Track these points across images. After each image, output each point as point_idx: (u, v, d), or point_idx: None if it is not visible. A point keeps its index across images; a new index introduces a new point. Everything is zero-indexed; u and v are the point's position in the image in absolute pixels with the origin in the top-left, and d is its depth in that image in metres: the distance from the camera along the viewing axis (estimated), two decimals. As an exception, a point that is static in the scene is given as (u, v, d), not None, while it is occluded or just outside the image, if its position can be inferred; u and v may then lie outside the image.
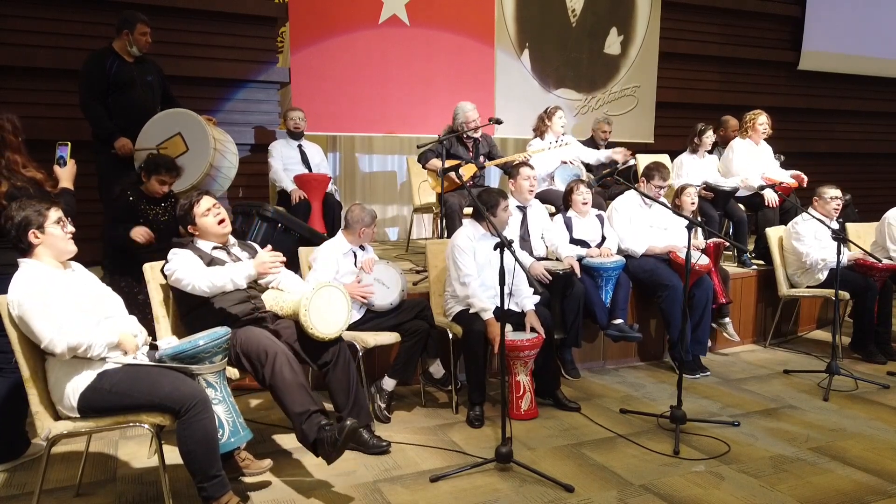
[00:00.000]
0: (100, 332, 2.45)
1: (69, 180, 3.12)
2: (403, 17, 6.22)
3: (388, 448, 3.13)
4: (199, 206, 3.05)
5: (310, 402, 2.78)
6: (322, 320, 2.96)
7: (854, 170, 9.11)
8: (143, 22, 4.33)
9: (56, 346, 2.34)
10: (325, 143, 6.54)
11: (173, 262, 2.92)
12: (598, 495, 2.82)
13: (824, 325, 5.81)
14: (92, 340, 2.40)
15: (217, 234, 3.08)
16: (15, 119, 2.98)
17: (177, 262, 2.92)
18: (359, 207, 3.75)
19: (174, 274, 2.88)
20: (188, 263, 2.91)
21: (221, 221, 3.08)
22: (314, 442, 2.73)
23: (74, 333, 2.36)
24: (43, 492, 2.54)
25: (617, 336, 4.37)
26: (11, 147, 2.93)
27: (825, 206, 4.85)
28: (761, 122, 5.59)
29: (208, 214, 3.06)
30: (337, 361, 3.08)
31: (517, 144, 7.26)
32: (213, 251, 3.05)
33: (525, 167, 4.36)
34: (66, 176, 3.12)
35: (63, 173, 3.12)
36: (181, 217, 3.09)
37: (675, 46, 7.73)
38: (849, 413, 3.80)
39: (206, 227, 3.06)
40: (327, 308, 3.00)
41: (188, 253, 2.96)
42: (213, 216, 3.06)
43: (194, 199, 3.07)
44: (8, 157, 2.91)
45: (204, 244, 3.07)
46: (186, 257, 2.94)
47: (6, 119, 2.94)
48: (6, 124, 2.93)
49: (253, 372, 2.87)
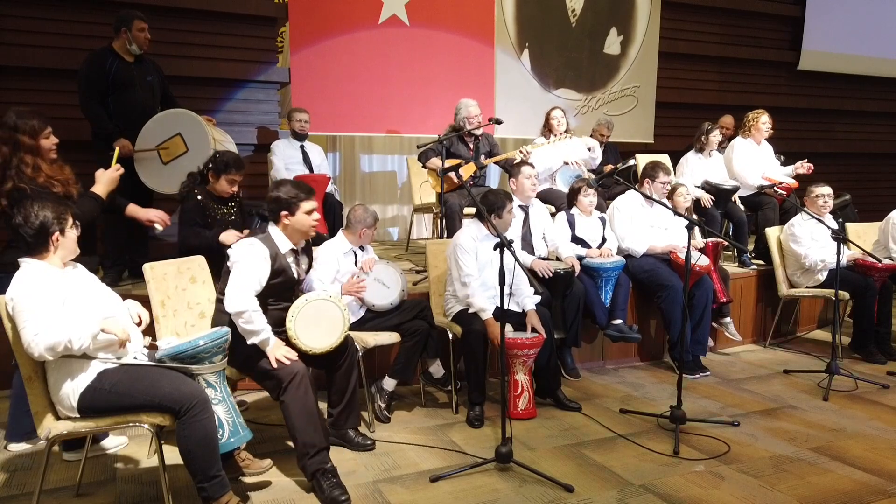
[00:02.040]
0: (79, 326, 2.37)
1: (102, 185, 3.12)
2: (403, 17, 6.22)
3: (372, 446, 3.22)
4: (307, 203, 3.00)
5: (319, 438, 2.78)
6: (308, 333, 2.93)
7: (854, 170, 9.11)
8: (140, 19, 4.32)
9: (34, 348, 2.29)
10: (325, 143, 6.54)
11: (244, 252, 2.88)
12: (598, 495, 2.82)
13: (824, 325, 5.82)
14: (70, 335, 2.31)
15: (305, 235, 3.07)
16: (35, 123, 2.99)
17: (247, 256, 2.87)
18: (362, 208, 3.75)
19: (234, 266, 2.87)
20: (252, 269, 2.85)
21: (314, 227, 3.06)
22: (312, 474, 2.77)
23: (51, 333, 2.30)
24: (43, 492, 2.54)
25: (616, 336, 4.37)
26: (25, 148, 2.95)
27: (814, 204, 4.87)
28: (764, 122, 5.59)
29: (311, 214, 3.02)
30: (342, 366, 3.12)
31: (517, 144, 7.24)
32: (288, 254, 3.01)
33: (526, 166, 4.35)
34: (102, 179, 3.13)
35: (101, 177, 3.14)
36: (282, 201, 2.97)
37: (675, 46, 7.73)
38: (849, 413, 3.80)
39: (301, 224, 3.00)
40: (318, 321, 2.96)
41: (263, 253, 2.89)
42: (314, 219, 3.04)
43: (304, 194, 3.01)
44: (21, 157, 2.94)
45: (283, 241, 3.01)
46: (257, 260, 2.87)
47: (25, 122, 2.97)
48: (23, 126, 2.96)
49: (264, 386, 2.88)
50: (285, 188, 3.02)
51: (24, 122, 2.97)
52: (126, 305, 2.71)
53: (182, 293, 3.20)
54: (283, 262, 2.98)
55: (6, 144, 2.95)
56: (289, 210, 2.98)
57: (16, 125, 2.95)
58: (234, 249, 2.93)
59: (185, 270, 3.26)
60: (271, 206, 3.01)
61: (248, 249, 2.90)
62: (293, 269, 3.05)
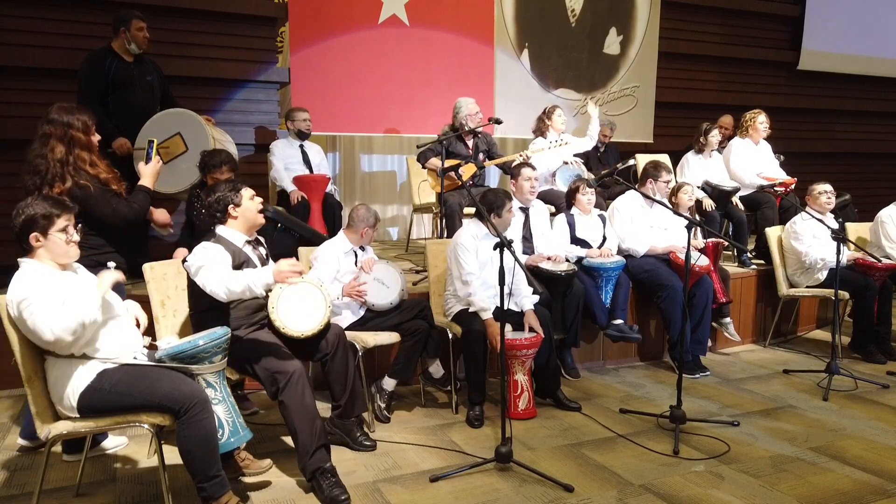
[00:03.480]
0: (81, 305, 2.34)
1: (148, 177, 3.11)
2: (403, 18, 6.22)
3: (372, 446, 3.22)
4: (246, 190, 2.97)
5: (319, 437, 2.77)
6: (292, 317, 2.90)
7: (854, 170, 9.11)
8: (138, 18, 4.32)
9: (58, 337, 2.27)
10: (325, 143, 6.54)
11: (200, 256, 2.78)
12: (597, 495, 2.83)
13: (824, 324, 5.82)
14: (80, 316, 2.30)
15: (255, 223, 3.01)
16: (86, 118, 2.95)
17: (204, 257, 2.78)
18: (364, 208, 3.74)
19: (198, 272, 2.75)
20: (215, 262, 2.77)
21: (260, 210, 3.02)
22: (311, 473, 2.76)
23: (63, 319, 2.28)
24: (43, 492, 2.54)
25: (616, 336, 4.38)
26: (79, 145, 2.91)
27: (817, 202, 4.87)
28: (761, 122, 5.61)
29: (254, 199, 2.99)
30: (335, 353, 3.08)
31: (517, 144, 7.26)
32: (244, 246, 2.96)
33: (526, 168, 4.35)
34: (147, 173, 3.12)
35: (145, 170, 3.12)
36: (221, 198, 2.93)
37: (675, 46, 7.73)
38: (849, 413, 3.80)
39: (248, 213, 2.97)
40: (299, 305, 2.93)
41: (218, 249, 2.83)
42: (259, 202, 3.00)
43: (239, 183, 2.98)
44: (77, 154, 2.90)
45: (235, 236, 2.95)
46: (215, 254, 2.80)
47: (76, 118, 2.92)
48: (75, 122, 2.91)
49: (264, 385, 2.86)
50: (218, 187, 2.99)
51: (75, 117, 2.90)
52: (125, 307, 2.71)
53: (182, 293, 3.20)
54: (243, 256, 2.94)
55: (61, 142, 2.87)
56: (233, 202, 2.94)
57: (68, 121, 2.89)
58: (191, 257, 2.83)
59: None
60: (215, 207, 2.95)
61: (203, 252, 2.82)
62: (254, 259, 3.00)
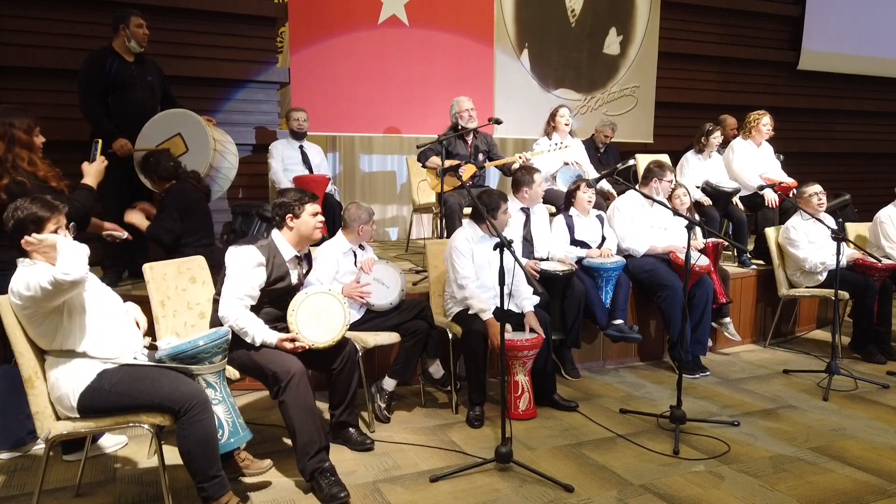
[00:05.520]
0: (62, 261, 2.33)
1: (91, 176, 3.13)
2: (403, 18, 6.22)
3: (372, 446, 3.22)
4: (311, 206, 3.01)
5: (319, 438, 2.78)
6: (310, 328, 2.91)
7: (854, 170, 9.11)
8: (136, 15, 4.33)
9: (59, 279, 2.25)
10: (324, 143, 6.54)
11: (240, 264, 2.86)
12: (597, 495, 2.82)
13: (824, 325, 5.82)
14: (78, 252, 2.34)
15: (309, 239, 3.07)
16: (30, 120, 3.02)
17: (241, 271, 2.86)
18: (355, 206, 3.74)
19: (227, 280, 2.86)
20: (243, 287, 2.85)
21: (318, 229, 3.06)
22: (311, 473, 2.76)
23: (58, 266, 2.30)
24: (43, 492, 2.54)
25: (616, 336, 4.37)
26: (20, 143, 2.97)
27: (809, 204, 4.87)
28: (765, 123, 5.58)
29: (315, 217, 3.03)
30: (343, 368, 3.11)
31: (517, 144, 7.26)
32: (290, 260, 3.02)
33: (538, 173, 4.32)
34: (90, 172, 3.14)
35: (88, 169, 3.14)
36: (286, 204, 2.99)
37: (675, 46, 7.72)
38: (849, 413, 3.80)
39: (305, 227, 3.01)
40: (318, 315, 2.95)
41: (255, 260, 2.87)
42: (318, 221, 3.04)
43: (308, 197, 3.02)
44: (16, 152, 2.96)
45: (286, 246, 3.01)
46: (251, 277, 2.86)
47: (19, 118, 2.99)
48: (17, 122, 2.98)
49: (265, 384, 2.87)
50: (289, 193, 3.06)
51: (19, 117, 2.99)
52: (125, 308, 2.71)
53: (182, 293, 3.20)
54: (284, 269, 2.98)
55: (1, 140, 2.95)
56: (293, 213, 3.00)
57: (10, 121, 2.96)
58: (230, 254, 2.93)
59: (184, 271, 3.26)
60: (276, 211, 3.03)
61: (240, 256, 2.89)
62: (293, 276, 3.05)
